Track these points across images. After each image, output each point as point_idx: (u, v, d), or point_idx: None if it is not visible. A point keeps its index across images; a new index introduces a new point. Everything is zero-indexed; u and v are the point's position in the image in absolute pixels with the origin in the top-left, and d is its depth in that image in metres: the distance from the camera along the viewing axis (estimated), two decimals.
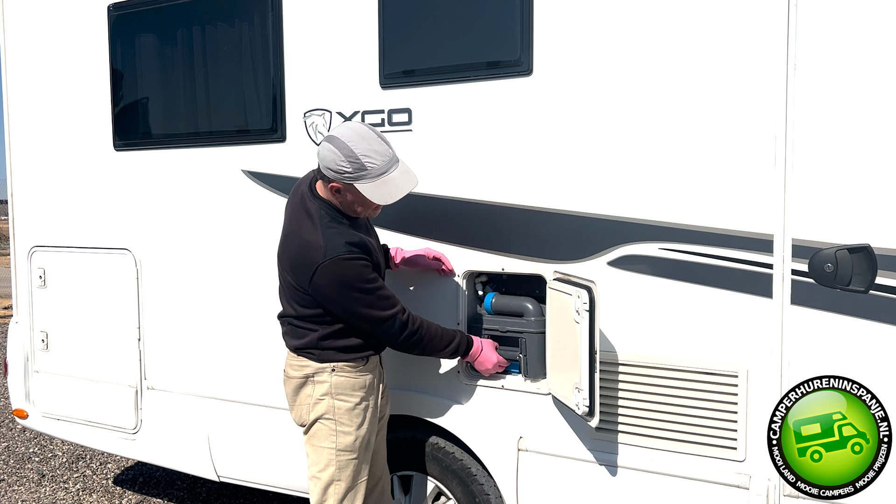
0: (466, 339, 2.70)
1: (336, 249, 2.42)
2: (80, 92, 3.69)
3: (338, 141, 2.37)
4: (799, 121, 2.25)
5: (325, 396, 2.57)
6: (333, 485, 2.57)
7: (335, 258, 2.41)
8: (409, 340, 2.56)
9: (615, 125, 2.50)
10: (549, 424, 2.71)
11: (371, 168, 2.37)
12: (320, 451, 2.59)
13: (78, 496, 4.53)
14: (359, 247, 2.46)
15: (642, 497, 2.55)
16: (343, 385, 2.57)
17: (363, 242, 2.49)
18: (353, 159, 2.36)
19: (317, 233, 2.46)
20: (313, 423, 2.60)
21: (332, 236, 2.44)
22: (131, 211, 3.57)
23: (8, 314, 8.92)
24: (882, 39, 2.16)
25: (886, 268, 2.18)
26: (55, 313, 3.88)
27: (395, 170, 2.42)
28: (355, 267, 2.44)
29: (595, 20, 2.51)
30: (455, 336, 2.66)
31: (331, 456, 2.57)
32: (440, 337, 2.63)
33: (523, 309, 2.75)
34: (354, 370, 2.58)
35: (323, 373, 2.57)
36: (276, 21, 3.09)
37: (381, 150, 2.39)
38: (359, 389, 2.59)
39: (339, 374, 2.57)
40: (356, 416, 2.58)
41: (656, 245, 2.47)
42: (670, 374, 2.47)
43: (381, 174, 2.39)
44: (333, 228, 2.47)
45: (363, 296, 2.46)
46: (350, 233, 2.48)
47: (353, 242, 2.45)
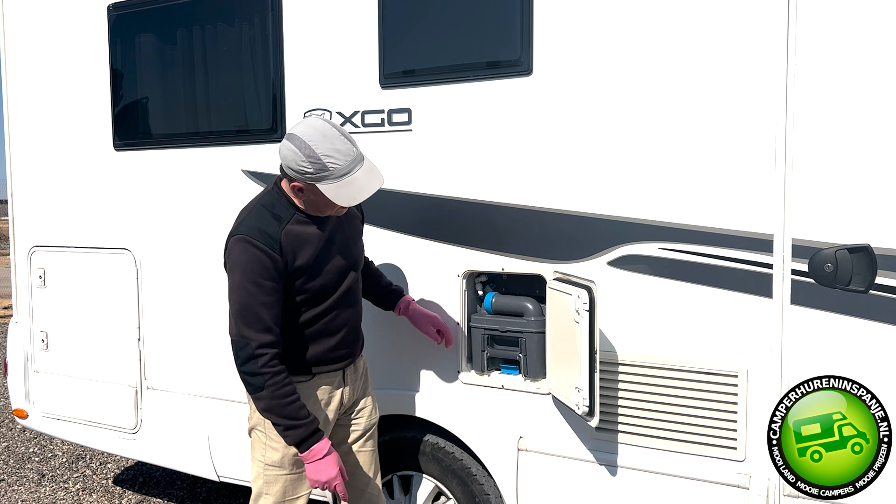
0: (312, 436, 2.32)
1: (248, 229, 2.29)
2: (80, 92, 3.69)
3: (298, 140, 2.23)
4: (799, 120, 2.25)
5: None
6: (262, 498, 2.49)
7: (241, 236, 2.29)
8: (248, 376, 2.28)
9: (615, 125, 2.50)
10: (549, 424, 2.71)
11: (333, 169, 2.22)
12: (253, 461, 2.52)
13: (78, 496, 4.53)
14: (273, 241, 2.28)
15: (642, 497, 2.55)
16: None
17: (278, 238, 2.29)
18: (315, 160, 2.21)
19: (248, 209, 2.39)
20: (250, 430, 2.53)
21: (253, 218, 2.33)
22: (131, 211, 3.57)
23: (8, 314, 8.92)
24: (882, 39, 2.16)
25: (886, 268, 2.18)
26: (55, 313, 3.88)
27: (359, 169, 2.26)
28: (253, 256, 2.26)
29: (595, 20, 2.51)
30: (304, 421, 2.30)
31: (259, 469, 2.49)
32: (287, 403, 2.28)
33: (523, 309, 2.74)
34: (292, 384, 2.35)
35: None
36: (276, 21, 3.09)
37: (343, 149, 2.24)
38: None
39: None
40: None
41: (656, 245, 2.47)
42: (670, 374, 2.47)
43: (345, 174, 2.23)
44: (263, 212, 2.34)
45: (242, 290, 2.27)
46: (274, 226, 2.31)
47: (268, 233, 2.29)
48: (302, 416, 2.32)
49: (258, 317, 2.27)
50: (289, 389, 2.30)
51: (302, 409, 2.32)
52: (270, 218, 2.34)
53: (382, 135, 2.90)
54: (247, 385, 2.32)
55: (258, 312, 2.27)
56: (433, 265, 2.85)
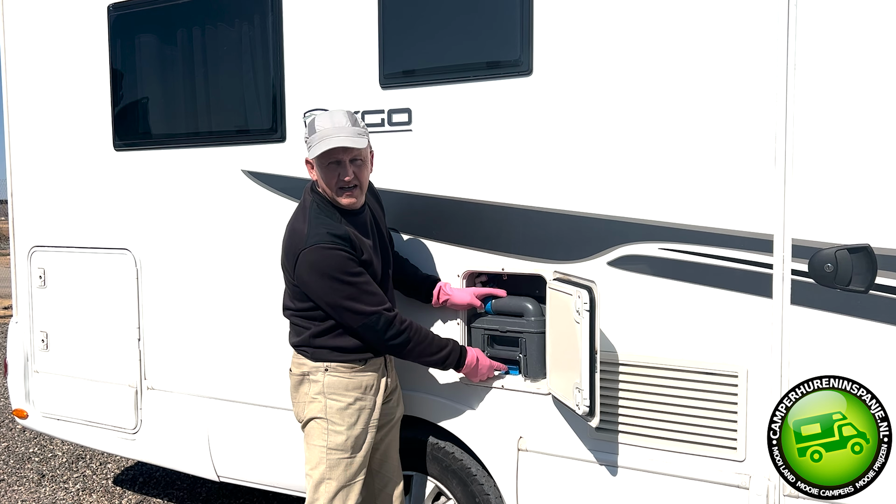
0: (460, 349, 2.67)
1: (318, 238, 2.45)
2: (80, 92, 3.69)
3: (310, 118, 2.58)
4: (799, 120, 2.25)
5: (319, 395, 2.60)
6: (324, 483, 2.60)
7: (316, 246, 2.45)
8: (394, 339, 2.53)
9: (615, 125, 2.50)
10: (549, 424, 2.71)
11: (319, 130, 2.46)
12: (313, 449, 2.63)
13: (78, 496, 4.53)
14: (343, 239, 2.47)
15: (642, 497, 2.55)
16: (336, 385, 2.59)
17: (348, 236, 2.48)
18: (311, 125, 2.50)
19: (304, 221, 2.52)
20: (308, 421, 2.64)
21: (317, 226, 2.48)
22: (131, 211, 3.57)
23: (8, 314, 8.92)
24: (882, 39, 2.16)
25: (886, 268, 2.18)
26: (55, 313, 3.88)
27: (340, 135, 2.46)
28: (336, 256, 2.45)
29: (595, 20, 2.51)
30: (447, 344, 2.64)
31: (322, 454, 2.60)
32: (430, 341, 2.60)
33: (523, 309, 2.74)
34: (349, 370, 2.59)
35: (317, 372, 2.60)
36: (276, 21, 3.09)
37: (337, 119, 2.48)
38: (353, 390, 2.60)
39: (332, 374, 2.59)
40: (349, 416, 2.59)
41: (656, 245, 2.47)
42: (670, 374, 2.47)
43: (325, 137, 2.45)
44: (321, 219, 2.50)
45: (344, 287, 2.46)
46: (337, 226, 2.50)
47: (337, 234, 2.47)
48: (445, 343, 2.63)
49: (371, 293, 2.49)
50: (424, 331, 2.59)
51: (441, 338, 2.64)
52: (331, 221, 2.51)
53: (382, 135, 2.90)
54: (396, 349, 2.58)
55: (368, 290, 2.49)
56: (433, 265, 2.85)
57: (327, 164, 2.49)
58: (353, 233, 2.52)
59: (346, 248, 2.46)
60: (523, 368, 2.75)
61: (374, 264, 2.59)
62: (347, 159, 2.49)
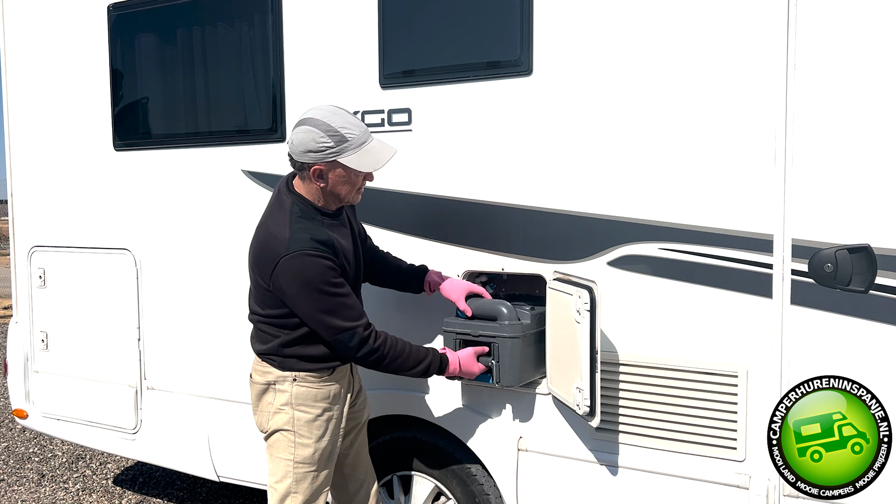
0: (440, 357, 2.54)
1: (301, 244, 2.33)
2: (80, 92, 3.69)
3: (313, 121, 2.33)
4: (799, 120, 2.25)
5: (286, 406, 2.49)
6: (290, 497, 2.50)
7: (298, 252, 2.32)
8: (367, 358, 2.42)
9: (615, 125, 2.50)
10: (549, 424, 2.71)
11: (352, 138, 2.32)
12: (278, 462, 2.53)
13: (78, 496, 4.53)
14: (326, 245, 2.36)
15: (642, 497, 2.55)
16: (304, 396, 2.49)
17: (331, 242, 2.39)
18: (333, 132, 2.30)
19: (284, 226, 2.38)
20: (273, 432, 2.54)
21: (300, 231, 2.36)
22: (131, 211, 3.57)
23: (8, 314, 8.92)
24: (882, 39, 2.16)
25: (886, 268, 2.18)
26: (55, 313, 3.88)
27: (372, 140, 2.38)
28: (318, 265, 2.33)
29: (595, 20, 2.51)
30: (426, 355, 2.51)
31: (288, 468, 2.51)
32: (406, 356, 2.47)
33: (497, 313, 2.62)
34: (318, 381, 2.50)
35: (285, 381, 2.49)
36: (276, 21, 3.09)
37: (355, 122, 2.37)
38: (321, 400, 2.51)
39: (300, 385, 2.49)
40: (317, 428, 2.50)
41: (656, 245, 2.47)
42: (670, 374, 2.47)
43: (363, 143, 2.35)
44: (302, 224, 2.38)
45: (323, 298, 2.35)
46: (320, 230, 2.39)
47: (320, 240, 2.36)
48: (424, 355, 2.50)
49: (349, 306, 2.39)
50: (400, 345, 2.47)
51: (420, 349, 2.51)
52: (313, 226, 2.40)
53: (382, 135, 2.89)
54: (369, 366, 2.47)
55: (347, 303, 2.39)
56: (433, 265, 2.85)
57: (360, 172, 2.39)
58: (335, 238, 2.42)
59: (328, 256, 2.35)
60: (496, 375, 2.61)
61: (351, 266, 2.51)
62: None
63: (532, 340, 2.64)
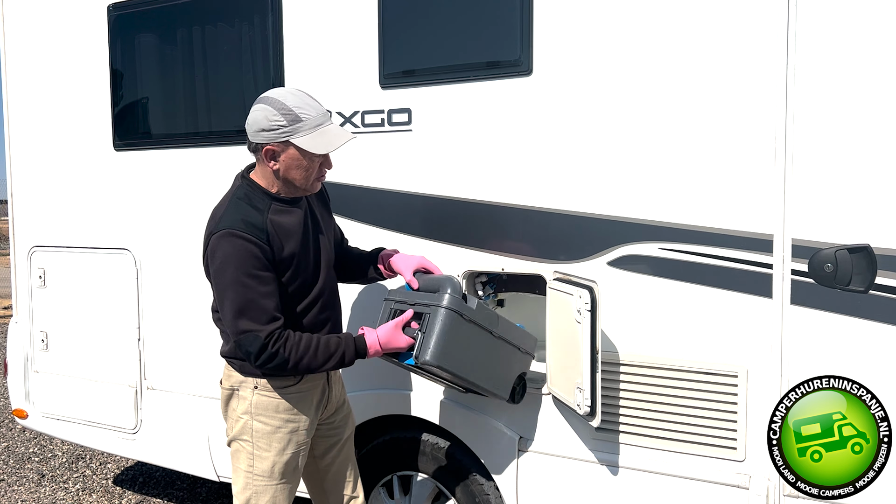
0: (354, 340, 2.32)
1: (231, 223, 2.21)
2: (80, 92, 3.69)
3: (268, 99, 2.24)
4: (799, 120, 2.25)
5: (245, 415, 2.37)
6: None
7: (226, 230, 2.20)
8: (267, 365, 2.21)
9: (615, 125, 2.50)
10: (549, 424, 2.71)
11: (306, 119, 2.22)
12: (238, 472, 2.41)
13: (78, 496, 4.53)
14: (258, 229, 2.22)
15: (642, 497, 2.55)
16: (264, 406, 2.35)
17: (265, 228, 2.23)
18: (287, 111, 2.20)
19: (223, 206, 2.30)
20: (232, 440, 2.43)
21: (235, 211, 2.25)
22: (131, 211, 3.57)
23: (8, 314, 8.91)
24: (882, 39, 2.16)
25: (886, 268, 2.18)
26: (55, 313, 3.88)
27: (329, 123, 2.27)
28: (243, 249, 2.18)
29: (595, 20, 2.51)
30: (337, 346, 2.28)
31: (248, 479, 2.38)
32: (314, 353, 2.25)
33: (441, 285, 2.40)
34: (280, 389, 2.35)
35: (245, 388, 2.37)
36: (276, 21, 3.09)
37: (313, 104, 2.27)
38: (283, 412, 2.36)
39: (260, 393, 2.35)
40: (277, 441, 2.36)
41: (656, 245, 2.47)
42: (670, 374, 2.47)
43: (318, 125, 2.24)
44: (240, 205, 2.27)
45: (236, 289, 2.19)
46: (256, 215, 2.25)
47: (252, 222, 2.22)
48: (335, 343, 2.29)
49: (263, 309, 2.20)
50: (305, 342, 2.24)
51: (330, 340, 2.29)
52: (251, 209, 2.27)
53: (382, 135, 2.90)
54: (273, 372, 2.27)
55: (261, 304, 2.20)
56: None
57: (315, 156, 2.26)
58: (277, 224, 2.27)
59: (257, 241, 2.20)
60: (416, 347, 2.33)
61: (303, 257, 2.34)
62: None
63: (471, 330, 2.38)
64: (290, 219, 2.33)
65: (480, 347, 2.43)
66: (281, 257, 2.28)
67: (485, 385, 2.49)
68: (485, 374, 2.47)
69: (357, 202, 2.97)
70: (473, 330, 2.40)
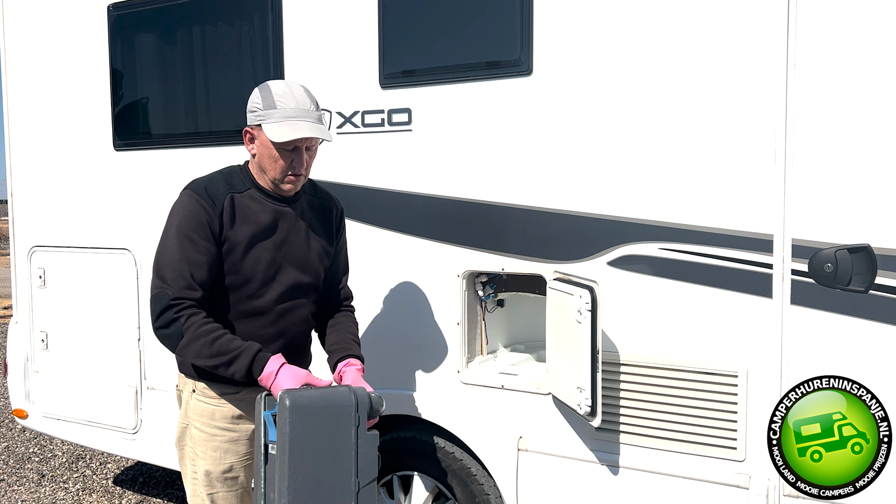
0: (253, 356, 2.08)
1: (195, 184, 2.20)
2: (80, 92, 3.69)
3: (263, 85, 2.22)
4: (799, 120, 2.25)
5: (184, 420, 2.27)
6: None
7: (186, 189, 2.19)
8: (163, 329, 2.09)
9: (615, 125, 2.50)
10: (549, 424, 2.71)
11: (281, 108, 2.13)
12: (185, 477, 2.31)
13: (78, 496, 4.53)
14: (214, 198, 2.15)
15: (642, 497, 2.55)
16: (200, 411, 2.22)
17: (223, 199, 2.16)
18: (268, 97, 2.15)
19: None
20: (176, 444, 2.33)
21: (206, 179, 2.23)
22: (131, 211, 3.57)
23: (8, 314, 8.91)
24: (882, 39, 2.16)
25: (886, 268, 2.18)
26: (55, 313, 3.88)
27: (304, 119, 2.14)
28: (191, 209, 2.13)
29: (595, 20, 2.51)
30: (235, 351, 2.07)
31: (195, 486, 2.26)
32: (208, 342, 2.06)
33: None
34: (217, 398, 2.19)
35: (186, 390, 2.26)
36: (276, 21, 3.09)
37: (299, 97, 2.17)
38: (220, 420, 2.20)
39: (197, 398, 2.23)
40: (213, 450, 2.21)
41: (656, 245, 2.47)
42: (670, 374, 2.47)
43: (289, 117, 2.13)
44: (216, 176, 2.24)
45: (170, 243, 2.13)
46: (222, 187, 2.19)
47: (213, 192, 2.16)
48: (235, 347, 2.08)
49: (182, 273, 2.10)
50: (212, 326, 2.09)
51: (234, 341, 2.09)
52: (223, 182, 2.23)
53: (382, 135, 2.90)
54: (166, 341, 2.11)
55: (183, 269, 2.10)
56: (433, 265, 2.85)
57: (282, 148, 2.16)
58: (239, 204, 2.19)
59: (207, 209, 2.13)
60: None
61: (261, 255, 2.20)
62: (304, 147, 2.19)
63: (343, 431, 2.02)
64: (261, 210, 2.23)
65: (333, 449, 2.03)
66: (229, 237, 2.17)
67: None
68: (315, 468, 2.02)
69: (357, 202, 2.97)
70: (346, 432, 2.03)
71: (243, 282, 2.21)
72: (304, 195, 2.36)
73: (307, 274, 2.31)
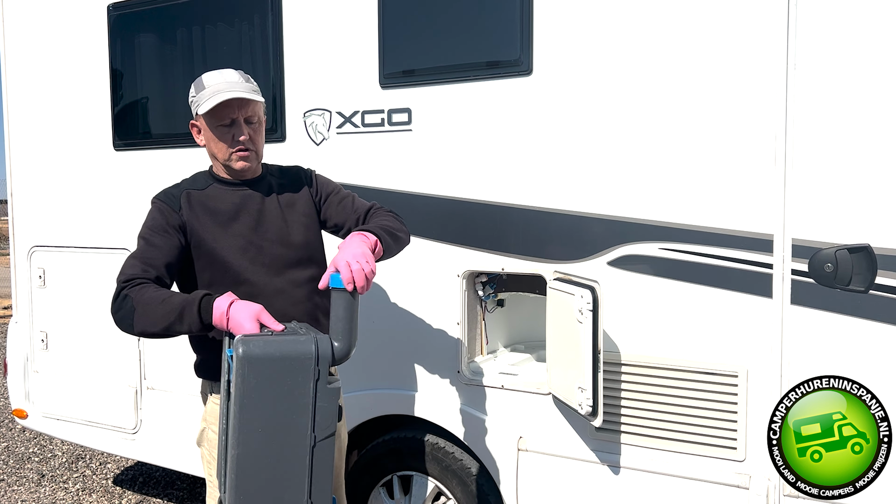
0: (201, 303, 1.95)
1: (160, 192, 2.27)
2: (80, 92, 3.68)
3: (198, 77, 2.23)
4: (799, 120, 2.25)
5: (203, 422, 2.32)
6: None
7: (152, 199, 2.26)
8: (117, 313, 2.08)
9: (615, 125, 2.50)
10: (549, 424, 2.71)
11: (209, 86, 2.15)
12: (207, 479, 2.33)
13: (78, 496, 4.53)
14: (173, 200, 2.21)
15: (642, 497, 2.55)
16: (216, 415, 2.21)
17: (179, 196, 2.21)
18: (199, 84, 2.19)
19: None
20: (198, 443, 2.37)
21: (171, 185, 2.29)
22: (131, 211, 3.56)
23: (8, 314, 8.91)
24: (882, 39, 2.16)
25: (886, 268, 2.18)
26: (55, 313, 3.88)
27: (229, 91, 2.13)
28: (153, 213, 2.21)
29: (595, 20, 2.51)
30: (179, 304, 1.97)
31: (210, 488, 2.30)
32: (153, 307, 1.99)
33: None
34: None
35: (203, 392, 2.32)
36: (276, 21, 3.09)
37: (228, 76, 2.19)
38: None
39: (213, 401, 2.25)
40: None
41: (656, 245, 2.47)
42: (670, 374, 2.47)
43: (217, 91, 2.13)
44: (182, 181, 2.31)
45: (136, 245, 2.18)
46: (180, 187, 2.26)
47: (172, 194, 2.24)
48: (181, 299, 1.98)
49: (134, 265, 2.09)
50: (160, 291, 2.03)
51: (179, 295, 2.01)
52: (184, 184, 2.29)
53: (382, 135, 2.90)
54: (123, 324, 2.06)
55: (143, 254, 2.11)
56: (433, 265, 2.85)
57: (218, 124, 2.15)
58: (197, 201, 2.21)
59: (164, 208, 2.18)
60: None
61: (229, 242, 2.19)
62: (242, 118, 2.16)
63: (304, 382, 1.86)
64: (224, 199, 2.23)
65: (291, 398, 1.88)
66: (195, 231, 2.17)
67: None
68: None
69: None
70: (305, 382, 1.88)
71: (223, 270, 2.18)
72: (271, 177, 2.33)
73: (290, 248, 2.25)
